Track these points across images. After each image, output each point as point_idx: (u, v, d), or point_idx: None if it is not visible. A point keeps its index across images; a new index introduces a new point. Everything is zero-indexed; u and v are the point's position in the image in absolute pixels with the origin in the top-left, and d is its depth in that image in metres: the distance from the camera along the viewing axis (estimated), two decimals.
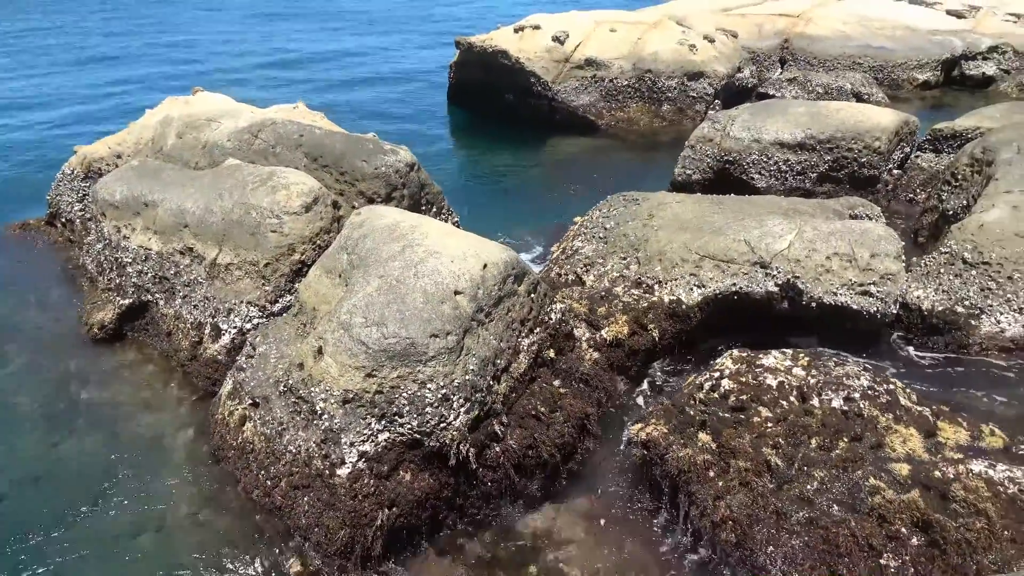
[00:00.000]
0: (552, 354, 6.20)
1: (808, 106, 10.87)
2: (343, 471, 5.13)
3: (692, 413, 5.54)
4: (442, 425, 5.19)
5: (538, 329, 6.17)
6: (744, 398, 5.52)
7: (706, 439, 5.29)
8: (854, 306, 6.67)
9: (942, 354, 6.88)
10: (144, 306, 7.73)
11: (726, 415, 5.44)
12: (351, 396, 5.20)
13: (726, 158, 10.52)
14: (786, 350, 5.96)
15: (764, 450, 5.09)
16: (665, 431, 5.47)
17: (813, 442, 5.11)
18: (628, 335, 6.68)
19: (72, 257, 9.42)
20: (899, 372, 6.60)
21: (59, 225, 10.14)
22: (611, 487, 5.73)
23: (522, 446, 5.56)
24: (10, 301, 8.49)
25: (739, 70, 15.64)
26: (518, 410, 5.74)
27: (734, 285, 6.93)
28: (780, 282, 6.83)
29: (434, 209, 8.86)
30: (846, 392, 5.42)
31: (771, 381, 5.60)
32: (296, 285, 6.81)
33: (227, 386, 6.20)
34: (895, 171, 10.48)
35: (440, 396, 5.21)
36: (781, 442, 5.13)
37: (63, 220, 10.07)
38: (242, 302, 6.93)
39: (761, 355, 5.91)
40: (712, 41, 15.46)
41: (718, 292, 6.93)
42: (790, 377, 5.62)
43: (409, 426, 5.17)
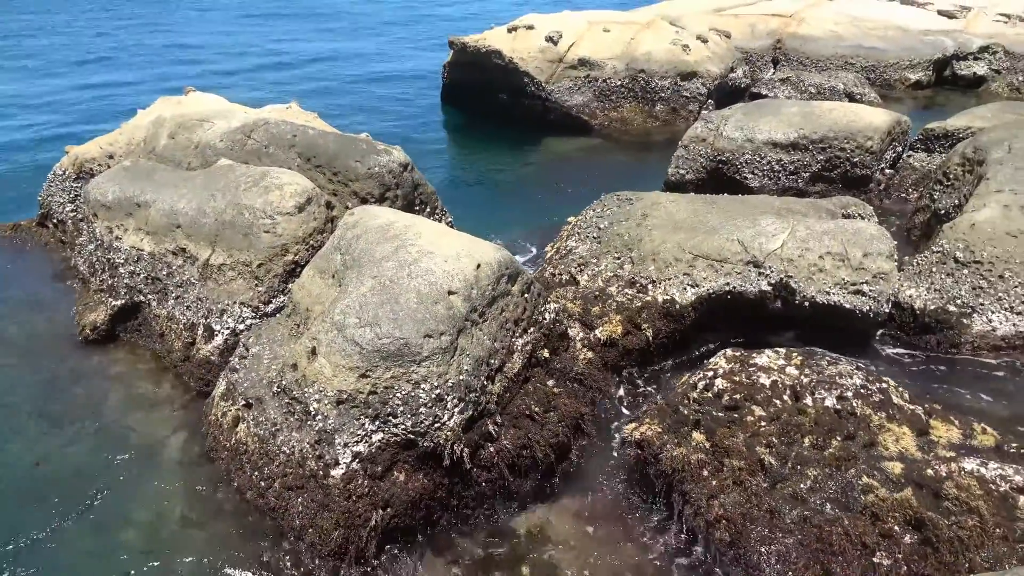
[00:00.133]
0: (546, 354, 6.20)
1: (801, 106, 10.91)
2: (337, 472, 5.12)
3: (686, 412, 5.55)
4: (436, 425, 5.19)
5: (532, 329, 6.17)
6: (738, 397, 5.53)
7: (700, 438, 5.30)
8: (847, 305, 6.69)
9: (934, 353, 6.92)
10: (136, 307, 7.70)
11: (720, 414, 5.46)
12: (345, 397, 5.19)
13: (719, 158, 10.54)
14: (779, 349, 5.98)
15: (758, 449, 5.11)
16: (659, 430, 5.48)
17: (806, 441, 5.12)
18: (622, 335, 6.68)
19: (64, 258, 9.38)
20: (891, 371, 6.63)
21: (51, 226, 10.09)
22: (605, 487, 5.73)
23: (516, 446, 5.56)
24: (1, 303, 8.44)
25: (732, 70, 15.68)
26: (512, 410, 5.74)
27: (727, 285, 6.94)
28: (773, 281, 6.85)
29: (428, 209, 8.85)
30: (839, 391, 5.44)
31: (764, 380, 5.61)
32: (289, 286, 6.79)
33: (220, 387, 6.18)
34: (887, 170, 10.53)
35: (434, 396, 5.20)
36: (775, 441, 5.15)
37: (55, 221, 10.02)
38: (235, 303, 6.91)
39: (755, 354, 5.93)
40: (705, 41, 15.50)
41: (712, 292, 6.95)
42: (783, 376, 5.64)
43: (403, 426, 5.16)
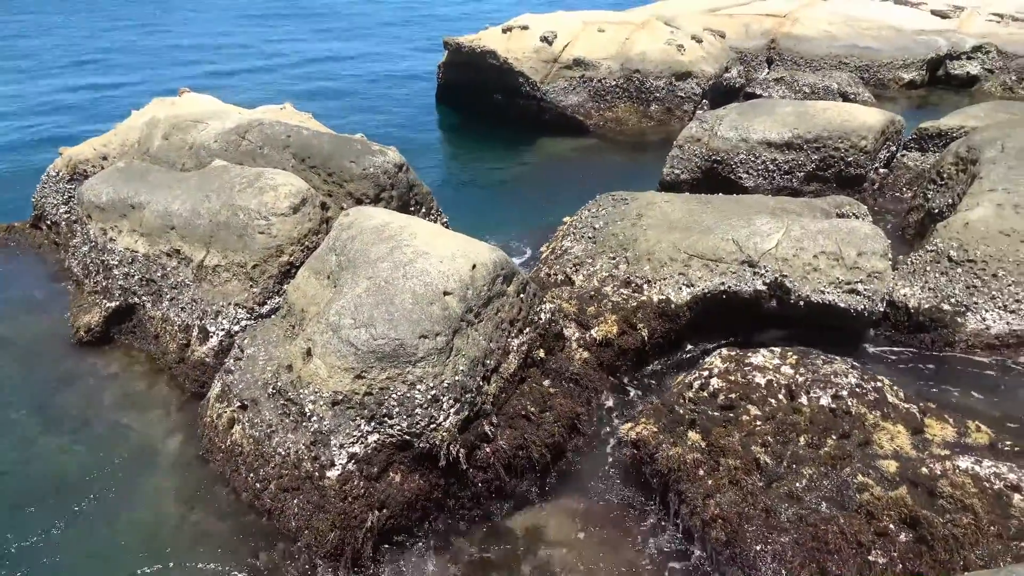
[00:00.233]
0: (542, 354, 6.20)
1: (795, 106, 10.93)
2: (333, 473, 5.12)
3: (682, 412, 5.56)
4: (432, 426, 5.18)
5: (528, 329, 6.17)
6: (733, 397, 5.54)
7: (696, 438, 5.30)
8: (841, 304, 6.71)
9: (928, 351, 6.94)
10: (131, 309, 7.68)
11: (715, 414, 5.46)
12: (340, 398, 5.19)
13: (714, 158, 10.56)
14: (774, 348, 5.99)
15: (753, 448, 5.12)
16: (655, 430, 5.48)
17: (802, 440, 5.14)
18: (618, 334, 6.69)
19: (58, 260, 9.35)
20: (886, 370, 6.65)
21: (44, 228, 10.06)
22: (601, 486, 5.74)
23: (512, 446, 5.56)
24: None
25: (727, 70, 15.69)
26: (508, 410, 5.74)
27: (723, 284, 6.95)
28: (768, 281, 6.87)
29: (423, 210, 8.85)
30: (834, 390, 5.45)
31: (760, 380, 5.62)
32: (284, 287, 6.78)
33: (215, 388, 6.16)
34: (881, 170, 10.55)
35: (430, 397, 5.20)
36: (770, 440, 5.16)
37: (48, 223, 9.98)
38: (230, 304, 6.89)
39: (750, 354, 5.94)
40: (700, 41, 15.52)
41: (707, 291, 6.96)
42: (779, 375, 5.65)
43: (399, 427, 5.16)
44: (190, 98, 10.39)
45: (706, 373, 5.83)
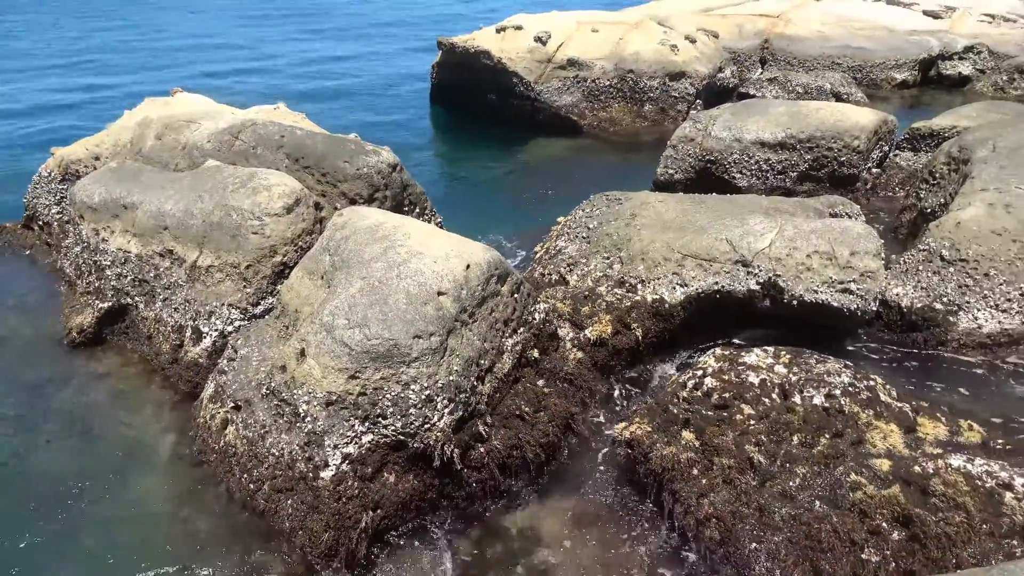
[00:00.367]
0: (536, 354, 6.20)
1: (788, 106, 10.96)
2: (327, 473, 5.11)
3: (676, 411, 5.57)
4: (426, 426, 5.18)
5: (522, 329, 6.17)
6: (727, 396, 5.55)
7: (689, 437, 5.32)
8: (835, 304, 6.73)
9: (921, 350, 6.97)
10: (124, 309, 7.65)
11: (709, 413, 5.48)
12: (334, 398, 5.18)
13: (708, 158, 10.58)
14: (768, 348, 6.01)
15: (747, 447, 5.13)
16: (649, 430, 5.49)
17: (795, 439, 5.15)
18: (612, 334, 6.69)
19: (50, 261, 9.30)
20: (879, 369, 6.68)
21: (36, 228, 10.01)
22: (596, 486, 5.74)
23: (507, 446, 5.56)
24: None
25: (720, 70, 15.73)
26: (502, 410, 5.74)
27: (716, 284, 6.97)
28: (762, 280, 6.89)
29: (417, 210, 8.84)
30: (827, 389, 5.47)
31: (753, 379, 5.64)
32: (278, 287, 6.77)
33: (209, 389, 6.15)
34: (874, 169, 10.59)
35: (424, 397, 5.19)
36: (764, 439, 5.17)
37: (40, 223, 9.94)
38: (223, 304, 6.87)
39: (743, 353, 5.96)
40: (693, 41, 15.55)
41: (701, 291, 6.97)
42: (772, 375, 5.66)
43: (393, 428, 5.15)
44: (183, 98, 10.36)
45: (700, 372, 5.84)
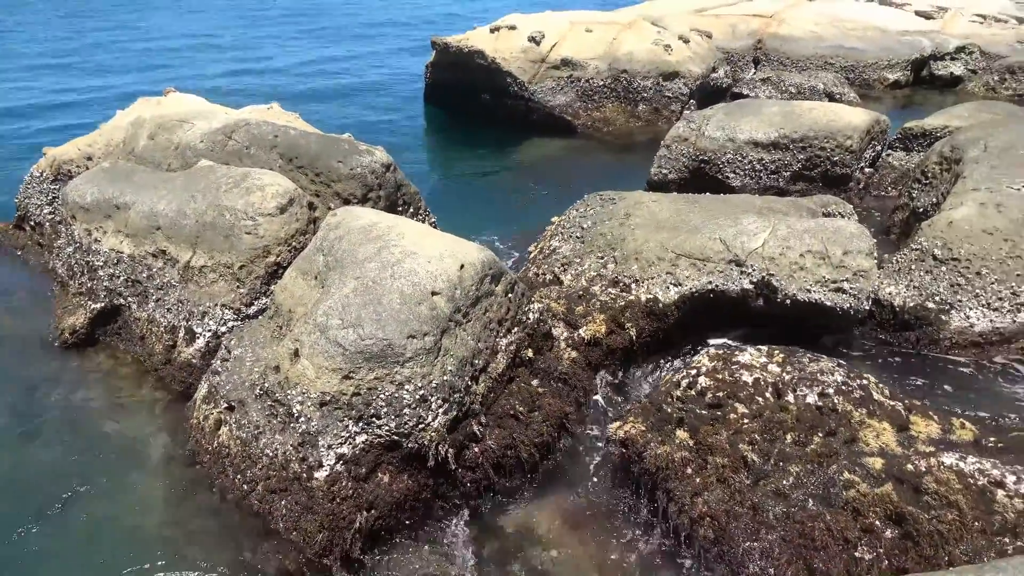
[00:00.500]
0: (530, 354, 6.20)
1: (781, 106, 10.99)
2: (321, 474, 5.10)
3: (669, 411, 5.57)
4: (420, 426, 5.17)
5: (516, 329, 6.17)
6: (721, 395, 5.56)
7: (683, 436, 5.32)
8: (827, 303, 6.75)
9: (913, 349, 6.99)
10: (116, 310, 7.62)
11: (703, 412, 5.49)
12: (328, 398, 5.17)
13: (701, 157, 10.60)
14: (761, 347, 6.02)
15: (741, 446, 5.14)
16: (643, 429, 5.50)
17: (788, 438, 5.16)
18: (606, 334, 6.70)
19: (42, 261, 9.26)
20: (872, 367, 6.70)
21: (28, 229, 9.95)
22: (590, 485, 5.75)
23: (501, 446, 5.56)
24: None
25: (714, 70, 15.76)
26: (496, 410, 5.74)
27: (710, 283, 6.98)
28: (755, 280, 6.90)
29: (411, 210, 8.83)
30: (820, 388, 5.49)
31: (747, 378, 5.65)
32: (271, 287, 6.75)
33: (202, 390, 6.13)
34: (867, 169, 10.63)
35: (418, 397, 5.19)
36: (757, 438, 5.18)
37: (32, 223, 9.89)
38: (216, 305, 6.85)
39: (737, 352, 5.97)
40: (687, 41, 15.57)
41: (694, 290, 6.99)
42: (765, 374, 5.68)
43: (387, 428, 5.14)
44: (176, 98, 10.32)
45: (694, 372, 5.85)
